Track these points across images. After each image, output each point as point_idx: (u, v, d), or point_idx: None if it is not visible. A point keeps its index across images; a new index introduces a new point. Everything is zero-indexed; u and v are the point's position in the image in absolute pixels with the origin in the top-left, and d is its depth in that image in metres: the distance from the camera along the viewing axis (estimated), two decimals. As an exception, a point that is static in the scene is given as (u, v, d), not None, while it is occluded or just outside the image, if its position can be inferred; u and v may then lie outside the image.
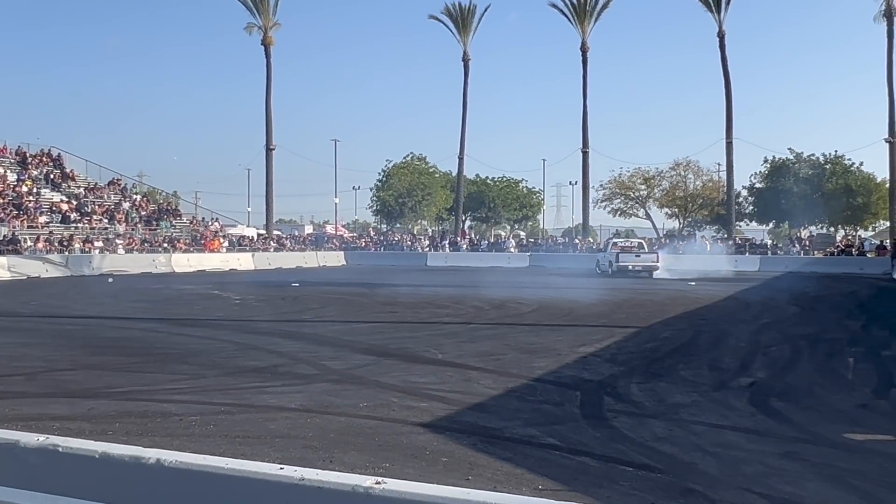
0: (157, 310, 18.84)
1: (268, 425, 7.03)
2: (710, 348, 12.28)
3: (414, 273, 38.56)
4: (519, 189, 78.30)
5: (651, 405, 8.11)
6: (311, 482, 2.25)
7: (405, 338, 13.50)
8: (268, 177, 59.57)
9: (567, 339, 13.08)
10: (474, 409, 7.81)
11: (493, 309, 18.96)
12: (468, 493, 2.15)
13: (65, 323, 16.28)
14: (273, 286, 28.08)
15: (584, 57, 58.85)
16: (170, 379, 9.58)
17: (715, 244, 49.01)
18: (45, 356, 11.41)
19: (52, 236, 39.38)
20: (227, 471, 2.37)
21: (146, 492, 2.48)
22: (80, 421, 7.18)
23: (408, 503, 2.14)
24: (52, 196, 46.09)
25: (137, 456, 2.50)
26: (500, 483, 5.31)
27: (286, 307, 19.86)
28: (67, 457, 2.61)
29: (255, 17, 58.73)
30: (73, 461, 2.60)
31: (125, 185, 52.54)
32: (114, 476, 2.54)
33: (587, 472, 5.71)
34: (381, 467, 5.58)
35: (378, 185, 73.68)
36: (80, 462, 2.59)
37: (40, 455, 2.64)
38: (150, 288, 27.12)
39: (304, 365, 10.58)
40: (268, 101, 58.52)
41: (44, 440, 2.65)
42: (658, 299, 21.05)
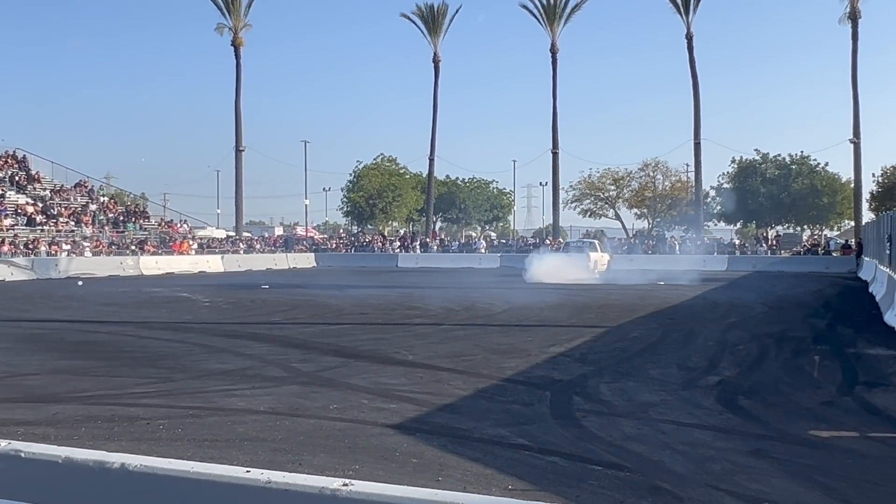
0: (125, 313, 18.64)
1: (236, 428, 6.98)
2: (679, 347, 12.38)
3: (385, 274, 38.53)
4: (490, 190, 78.49)
5: (620, 404, 8.16)
6: (279, 485, 2.24)
7: (375, 339, 13.47)
8: (237, 178, 59.25)
9: (537, 340, 13.12)
10: (444, 410, 7.81)
11: (463, 310, 18.98)
12: (436, 493, 2.15)
13: (30, 327, 16.06)
14: (243, 288, 27.89)
15: (554, 58, 59.12)
16: (137, 383, 9.47)
17: (684, 244, 49.42)
18: (10, 361, 11.24)
19: (18, 239, 38.85)
20: (193, 474, 2.36)
21: (111, 497, 2.45)
22: (44, 426, 7.09)
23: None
24: (17, 198, 45.45)
25: (101, 461, 2.48)
26: (470, 483, 5.32)
27: (256, 310, 19.73)
28: (30, 462, 2.58)
29: (225, 18, 58.44)
30: (35, 467, 2.57)
31: (92, 187, 51.93)
32: (77, 481, 2.51)
33: (557, 472, 5.73)
34: (350, 469, 5.57)
35: (348, 186, 73.44)
36: (43, 468, 2.56)
37: (2, 461, 2.61)
38: (117, 291, 26.81)
39: (273, 367, 10.52)
40: (237, 101, 58.25)
41: (5, 446, 2.62)
42: (627, 299, 21.19)
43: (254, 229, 73.65)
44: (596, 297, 21.85)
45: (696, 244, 49.30)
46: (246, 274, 40.20)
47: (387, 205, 70.38)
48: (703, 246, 48.88)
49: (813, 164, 58.25)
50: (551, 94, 59.24)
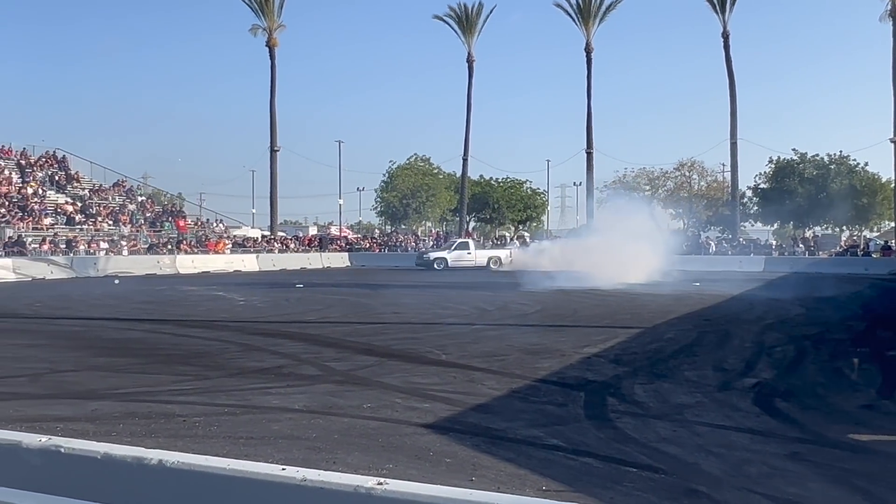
0: (162, 311, 18.86)
1: (271, 426, 7.03)
2: (715, 349, 12.26)
3: (418, 274, 38.58)
4: (523, 190, 78.23)
5: (655, 406, 8.09)
6: (314, 483, 2.25)
7: (408, 339, 13.49)
8: (272, 178, 59.62)
9: (571, 340, 13.06)
10: (478, 410, 7.80)
11: (496, 309, 18.96)
12: (470, 493, 2.14)
13: (69, 324, 16.30)
14: (277, 287, 28.10)
15: (589, 58, 58.86)
16: (174, 380, 9.58)
17: (720, 244, 48.96)
18: (50, 357, 11.43)
19: (57, 238, 39.48)
20: (230, 472, 2.37)
21: (148, 493, 2.48)
22: (83, 422, 7.19)
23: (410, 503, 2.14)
24: (56, 198, 46.20)
25: (140, 457, 2.50)
26: (504, 484, 5.30)
27: (290, 308, 19.87)
28: (70, 458, 2.61)
29: (259, 19, 58.84)
30: (75, 462, 2.60)
31: (130, 187, 52.63)
32: (116, 477, 2.54)
33: (591, 473, 5.70)
34: (384, 468, 5.58)
35: (382, 186, 73.65)
36: (83, 463, 2.59)
37: (43, 456, 2.64)
38: (154, 289, 27.14)
39: (307, 366, 10.58)
40: (272, 102, 58.61)
41: (46, 441, 2.65)
42: (662, 300, 21.00)
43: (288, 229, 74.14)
44: (630, 299, 21.69)
45: (732, 245, 48.79)
46: (280, 273, 40.49)
47: (420, 205, 70.47)
48: (739, 247, 48.38)
49: (852, 163, 57.36)
50: (586, 93, 59.02)
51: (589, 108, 58.86)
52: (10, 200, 42.59)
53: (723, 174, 64.62)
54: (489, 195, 75.10)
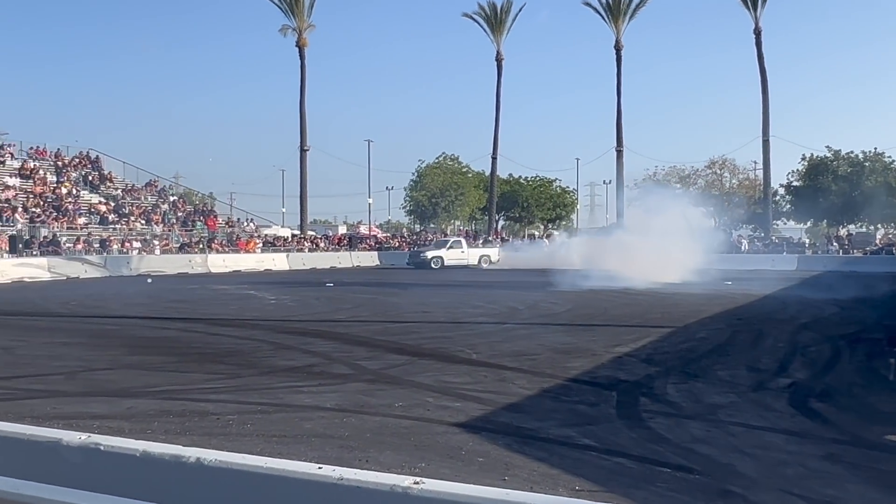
0: (194, 310, 19.03)
1: (304, 425, 7.06)
2: (748, 348, 12.14)
3: (448, 272, 38.59)
4: (552, 188, 78.01)
5: (688, 406, 8.03)
6: (350, 482, 2.25)
7: (439, 337, 13.50)
8: (302, 178, 59.96)
9: (602, 339, 13.00)
10: (509, 410, 7.79)
11: (526, 308, 18.91)
12: (507, 493, 2.13)
13: (103, 323, 16.50)
14: (307, 286, 28.25)
15: (619, 55, 58.58)
16: (207, 378, 9.67)
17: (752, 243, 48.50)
18: (85, 356, 11.58)
19: (91, 237, 39.95)
20: (266, 470, 2.38)
21: (186, 490, 2.49)
22: (119, 420, 7.27)
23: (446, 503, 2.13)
24: (90, 198, 46.77)
25: (178, 455, 2.52)
26: (537, 483, 5.29)
27: (320, 307, 19.96)
28: (109, 455, 2.63)
29: (289, 19, 59.19)
30: (114, 460, 2.62)
31: (162, 187, 53.16)
32: (154, 474, 2.56)
33: (624, 473, 5.67)
34: (416, 467, 5.58)
35: (411, 185, 73.79)
36: (122, 461, 2.61)
37: (82, 453, 2.67)
38: (186, 288, 27.42)
39: (338, 364, 10.62)
40: (302, 102, 58.91)
41: (86, 439, 2.68)
42: (693, 300, 20.83)
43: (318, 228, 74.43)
44: (661, 298, 21.54)
45: (765, 243, 48.32)
46: (310, 272, 40.68)
47: (449, 203, 70.53)
48: (771, 245, 47.90)
49: (887, 160, 56.52)
50: (616, 91, 58.76)
51: (619, 105, 58.65)
52: (45, 200, 43.18)
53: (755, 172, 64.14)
54: (518, 194, 74.97)
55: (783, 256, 44.02)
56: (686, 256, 28.48)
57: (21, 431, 2.78)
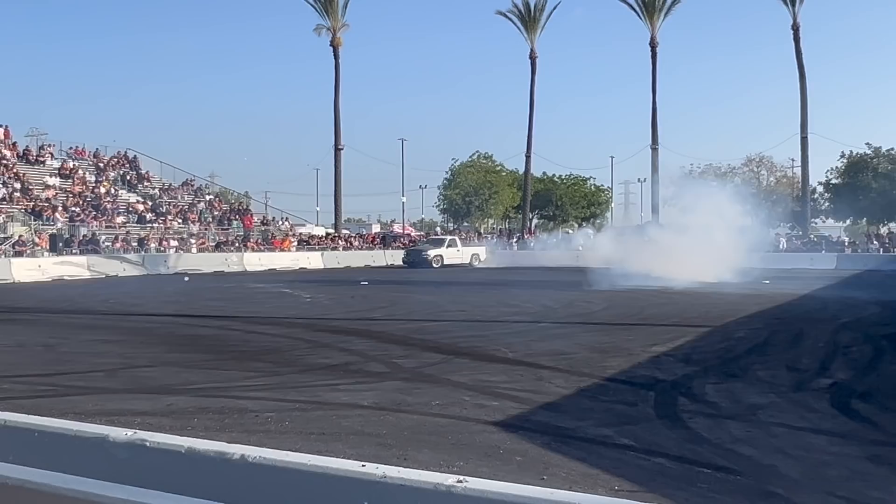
0: (231, 308, 19.20)
1: (341, 422, 7.10)
2: (788, 348, 11.98)
3: (481, 271, 38.57)
4: (586, 187, 77.70)
5: (727, 406, 7.94)
6: (393, 480, 2.24)
7: (474, 336, 13.49)
8: (336, 176, 60.25)
9: (639, 339, 12.90)
10: (546, 409, 7.76)
11: (561, 307, 18.84)
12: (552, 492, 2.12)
13: (143, 320, 16.70)
14: (342, 285, 28.39)
15: (654, 52, 58.15)
16: (244, 376, 9.74)
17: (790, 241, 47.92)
18: (125, 353, 11.72)
19: (129, 236, 40.47)
20: (310, 467, 2.39)
21: (231, 487, 2.51)
22: (160, 416, 7.35)
23: (490, 502, 2.12)
24: (128, 197, 47.38)
25: (222, 451, 2.53)
26: (576, 483, 5.26)
27: (356, 305, 20.03)
28: (154, 451, 2.65)
29: (324, 19, 59.48)
30: (160, 456, 2.64)
31: (198, 186, 53.71)
32: (199, 471, 2.58)
33: (664, 474, 5.62)
34: (455, 466, 5.59)
35: (445, 183, 73.88)
36: (167, 457, 2.63)
37: (128, 449, 2.69)
38: (223, 286, 27.68)
39: (375, 363, 10.66)
40: (336, 101, 59.17)
41: (132, 435, 2.70)
42: (731, 298, 20.62)
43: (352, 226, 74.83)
44: (698, 297, 21.34)
45: (803, 242, 47.70)
46: (345, 270, 40.88)
47: (483, 202, 70.53)
48: (810, 244, 47.29)
49: (930, 157, 55.55)
50: (651, 88, 58.35)
51: (654, 102, 58.28)
52: (84, 200, 43.82)
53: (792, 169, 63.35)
54: (552, 192, 74.78)
55: (822, 255, 43.41)
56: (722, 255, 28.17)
57: (68, 427, 2.82)
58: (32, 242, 36.20)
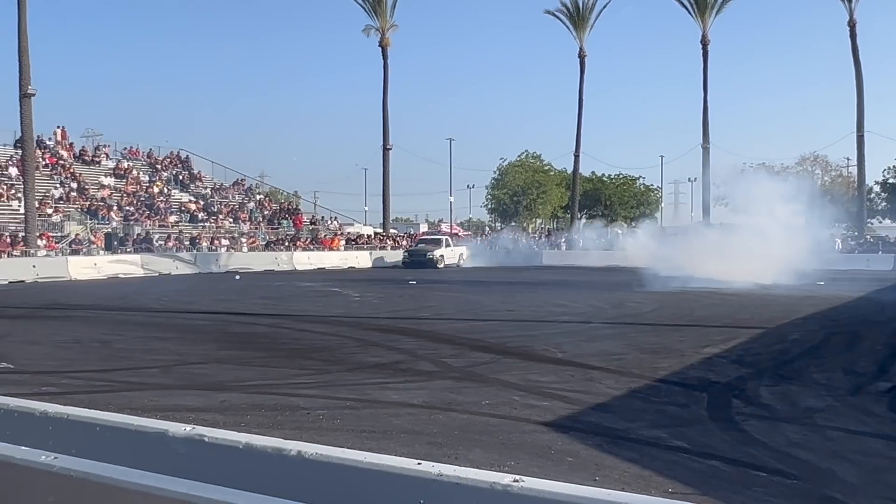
0: (281, 306, 19.39)
1: (392, 421, 7.12)
2: (844, 351, 11.74)
3: (529, 271, 38.45)
4: (636, 186, 77.01)
5: (783, 409, 7.81)
6: (449, 478, 2.24)
7: (523, 336, 13.45)
8: (384, 176, 60.37)
9: (690, 340, 12.75)
10: (597, 409, 7.70)
11: (611, 308, 18.70)
12: (608, 493, 2.09)
13: (195, 318, 16.94)
14: (391, 284, 28.50)
15: (705, 50, 57.36)
16: (296, 374, 9.83)
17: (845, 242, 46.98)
18: (178, 350, 11.92)
19: (182, 235, 41.11)
20: (366, 465, 2.40)
21: (287, 482, 2.53)
22: (213, 413, 7.45)
23: (546, 502, 2.11)
24: (180, 196, 48.14)
25: (279, 448, 2.55)
26: (628, 484, 5.21)
27: (404, 304, 20.11)
28: (213, 447, 2.69)
29: (372, 20, 59.68)
30: (218, 451, 2.68)
31: (249, 186, 54.36)
32: (257, 466, 2.60)
33: (718, 477, 5.54)
34: (506, 465, 5.57)
35: (493, 183, 73.78)
36: (225, 452, 2.66)
37: (187, 444, 2.73)
38: (273, 285, 27.97)
39: (424, 362, 10.68)
40: (385, 101, 59.30)
41: (190, 430, 2.74)
42: (785, 300, 20.27)
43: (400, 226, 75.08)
44: (751, 298, 21.02)
45: (859, 242, 46.71)
46: (392, 269, 41.02)
47: (531, 202, 70.31)
48: (866, 244, 46.28)
49: None
50: (702, 86, 57.56)
51: (705, 101, 57.46)
52: (138, 199, 44.62)
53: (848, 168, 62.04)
54: (601, 192, 74.28)
55: (879, 256, 42.45)
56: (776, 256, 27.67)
57: (128, 422, 2.86)
58: (88, 241, 37.00)
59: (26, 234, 33.86)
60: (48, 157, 44.25)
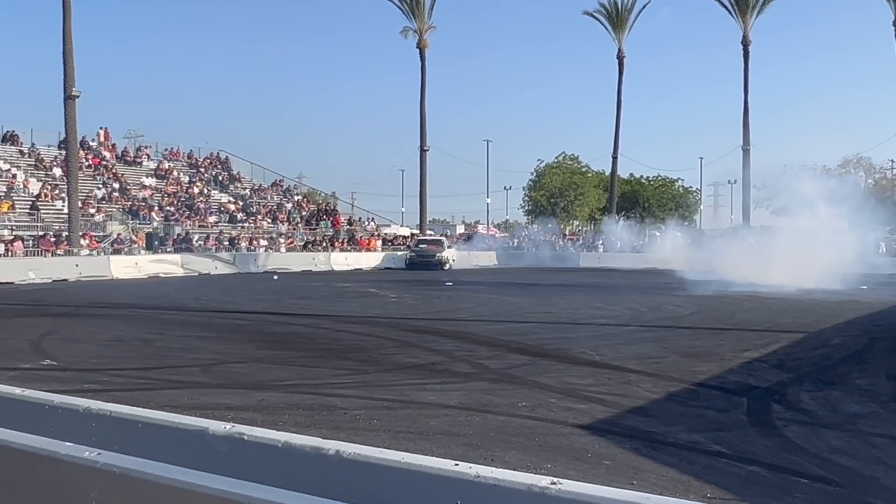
0: (319, 306, 19.51)
1: (429, 422, 7.13)
2: (888, 356, 11.55)
3: (566, 273, 38.27)
4: (674, 188, 76.30)
5: (824, 414, 7.69)
6: (487, 479, 2.24)
7: (560, 338, 13.40)
8: (422, 177, 60.35)
9: (730, 344, 12.61)
10: (635, 413, 7.65)
11: (649, 311, 18.55)
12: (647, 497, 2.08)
13: (234, 317, 17.11)
14: (427, 285, 28.53)
15: (746, 51, 56.67)
16: (333, 373, 9.89)
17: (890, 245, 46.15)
18: (218, 349, 12.05)
19: (222, 235, 41.54)
20: (404, 465, 2.40)
21: (326, 482, 2.55)
22: (252, 411, 7.52)
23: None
24: (220, 197, 48.64)
25: (317, 447, 2.57)
26: (667, 489, 5.16)
27: (441, 306, 20.13)
28: (252, 445, 2.72)
29: (410, 21, 59.77)
30: (257, 449, 2.71)
31: (287, 187, 54.77)
32: (295, 465, 2.63)
33: (758, 482, 5.47)
34: (543, 468, 5.55)
35: (530, 185, 73.54)
36: (264, 450, 2.69)
37: (227, 442, 2.76)
38: (310, 285, 28.16)
39: (461, 363, 10.68)
40: (422, 102, 59.29)
41: (230, 428, 2.77)
42: (826, 304, 19.96)
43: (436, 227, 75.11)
44: (792, 301, 20.73)
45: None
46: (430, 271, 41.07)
47: (568, 203, 69.92)
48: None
49: None
50: (742, 88, 56.89)
51: (746, 102, 56.71)
52: (178, 199, 45.17)
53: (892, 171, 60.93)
54: (639, 194, 73.69)
55: (924, 260, 41.60)
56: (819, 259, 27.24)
57: (170, 420, 2.91)
58: (130, 240, 37.55)
59: (70, 234, 34.47)
60: (91, 158, 44.98)
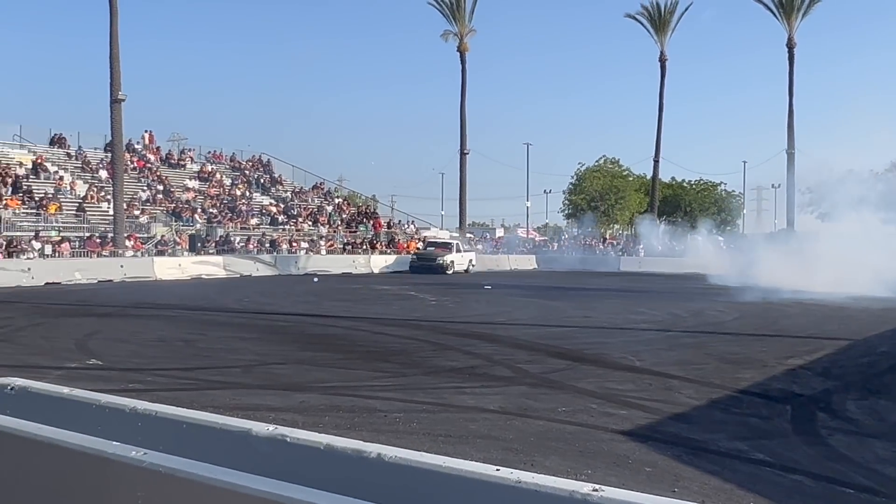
0: (358, 309, 19.59)
1: (468, 426, 7.13)
2: (937, 365, 11.30)
3: (606, 278, 38.04)
4: (717, 192, 75.45)
5: (871, 424, 7.55)
6: (528, 485, 2.23)
7: (600, 343, 13.32)
8: (461, 180, 60.43)
9: (773, 350, 12.44)
10: (676, 420, 7.58)
11: (690, 316, 18.36)
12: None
13: (275, 319, 17.26)
14: (466, 288, 28.53)
15: (791, 53, 55.91)
16: (373, 376, 9.93)
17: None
18: (259, 350, 12.15)
19: (263, 237, 41.91)
20: (445, 469, 2.40)
21: (367, 484, 2.56)
22: (292, 413, 7.58)
23: (627, 513, 2.08)
24: (261, 199, 49.09)
25: (359, 449, 2.59)
26: (709, 497, 5.11)
27: (480, 309, 20.11)
28: (294, 447, 2.74)
29: (451, 25, 59.87)
30: (299, 451, 2.72)
31: (327, 189, 55.12)
32: (337, 467, 2.64)
33: (802, 492, 5.39)
34: (583, 474, 5.52)
35: (570, 188, 73.23)
36: (306, 452, 2.71)
37: (270, 444, 2.79)
38: (350, 287, 28.30)
39: (500, 367, 10.66)
40: (462, 106, 59.36)
41: (273, 430, 2.79)
42: (872, 310, 19.60)
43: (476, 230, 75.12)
44: (837, 308, 20.39)
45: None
46: (468, 274, 41.06)
47: (609, 207, 69.51)
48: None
49: None
50: (787, 90, 56.11)
51: (790, 105, 55.95)
52: (221, 202, 45.68)
53: (942, 175, 59.60)
54: (681, 198, 73.00)
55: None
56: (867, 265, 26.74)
57: (214, 420, 2.94)
58: (173, 242, 38.07)
59: (115, 235, 35.03)
60: (136, 161, 45.65)
